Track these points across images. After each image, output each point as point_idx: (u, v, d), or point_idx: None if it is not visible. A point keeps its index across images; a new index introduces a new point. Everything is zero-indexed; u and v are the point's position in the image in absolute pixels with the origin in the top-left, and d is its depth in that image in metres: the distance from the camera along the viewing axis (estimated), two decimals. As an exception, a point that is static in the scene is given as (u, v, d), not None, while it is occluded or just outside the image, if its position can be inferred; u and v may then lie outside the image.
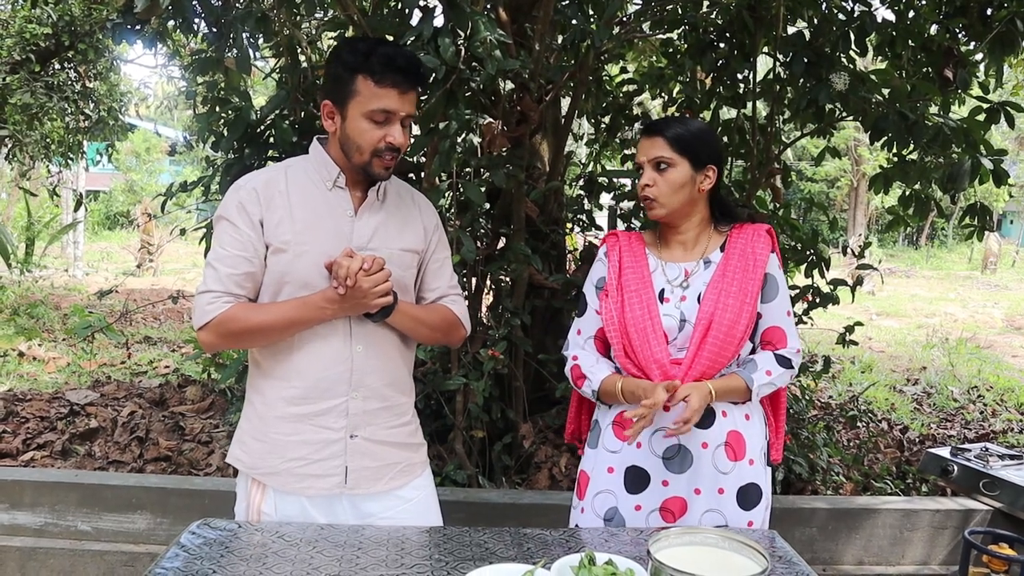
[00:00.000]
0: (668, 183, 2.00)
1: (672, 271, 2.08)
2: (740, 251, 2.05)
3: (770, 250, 2.07)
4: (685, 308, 2.01)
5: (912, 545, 3.63)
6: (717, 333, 1.97)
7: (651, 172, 2.02)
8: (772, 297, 2.06)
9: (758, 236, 2.08)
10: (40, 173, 11.64)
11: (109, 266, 15.35)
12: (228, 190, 1.93)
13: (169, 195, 3.68)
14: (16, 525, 3.42)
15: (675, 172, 2.00)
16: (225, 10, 3.21)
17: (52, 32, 8.04)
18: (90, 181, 19.12)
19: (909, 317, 12.52)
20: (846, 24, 3.51)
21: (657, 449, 1.98)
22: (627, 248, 2.14)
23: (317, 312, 1.83)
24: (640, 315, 2.02)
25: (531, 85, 3.35)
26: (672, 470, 1.97)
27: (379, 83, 1.77)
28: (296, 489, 1.89)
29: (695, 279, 2.05)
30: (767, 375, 2.01)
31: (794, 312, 3.97)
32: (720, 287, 2.01)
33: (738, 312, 1.98)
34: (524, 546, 1.75)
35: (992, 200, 20.52)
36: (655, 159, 2.01)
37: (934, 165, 3.70)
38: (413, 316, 1.95)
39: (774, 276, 2.07)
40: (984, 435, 5.42)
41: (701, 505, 1.97)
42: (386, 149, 1.82)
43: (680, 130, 2.01)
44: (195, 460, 4.10)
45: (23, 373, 6.38)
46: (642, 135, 2.08)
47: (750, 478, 2.00)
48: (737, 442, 2.00)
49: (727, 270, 2.03)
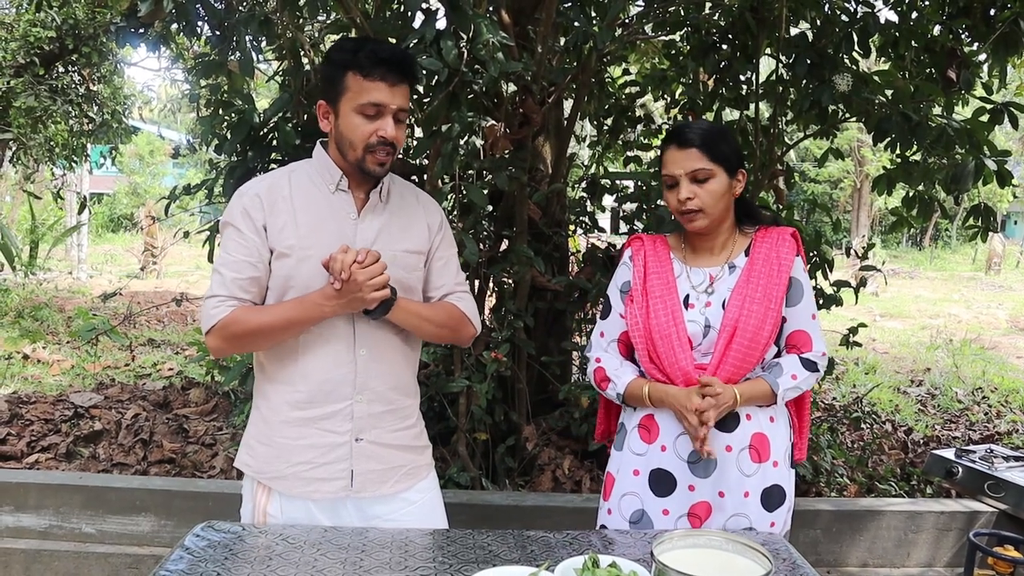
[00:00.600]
0: (710, 194, 1.99)
1: (697, 276, 2.07)
2: (765, 256, 2.05)
3: (795, 254, 2.06)
4: (710, 314, 2.00)
5: (917, 547, 3.63)
6: (742, 339, 1.97)
7: (690, 185, 1.99)
8: (797, 301, 2.06)
9: (783, 240, 2.07)
10: (44, 176, 11.69)
11: (113, 269, 15.38)
12: (233, 196, 1.93)
13: (173, 198, 3.69)
14: (21, 527, 3.42)
15: (715, 182, 1.99)
16: (228, 13, 3.22)
17: (56, 35, 8.08)
18: (94, 184, 19.21)
19: (913, 318, 12.50)
20: (849, 25, 3.51)
21: (682, 452, 1.99)
22: (652, 252, 2.13)
23: (316, 310, 1.82)
24: (665, 321, 2.02)
25: (534, 87, 3.35)
26: (697, 474, 1.98)
27: (367, 77, 1.77)
28: (302, 493, 1.90)
29: (720, 284, 2.04)
30: (792, 379, 2.00)
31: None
32: (745, 293, 2.00)
33: (763, 318, 1.98)
34: (527, 548, 1.75)
35: (996, 201, 20.51)
36: (693, 171, 1.98)
37: (938, 166, 3.69)
38: (416, 313, 1.94)
39: (799, 280, 2.06)
40: (989, 437, 5.41)
41: (727, 509, 1.97)
42: (378, 144, 1.81)
43: (711, 138, 1.99)
44: (199, 462, 4.10)
45: (27, 376, 6.40)
46: (670, 146, 2.03)
47: (774, 480, 2.01)
48: (761, 444, 2.00)
49: (752, 275, 2.02)
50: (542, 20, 3.49)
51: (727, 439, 1.97)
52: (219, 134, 3.38)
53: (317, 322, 1.85)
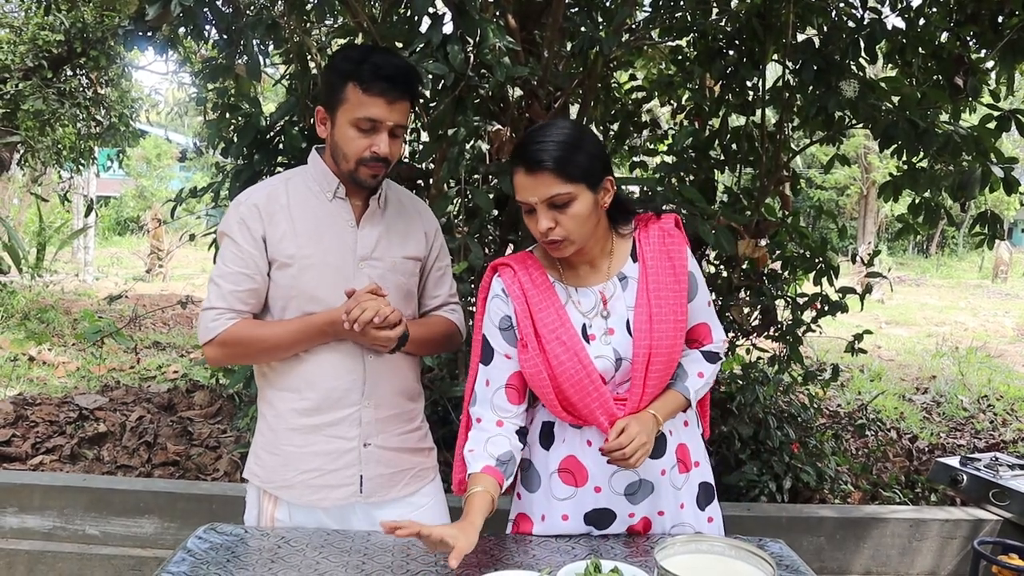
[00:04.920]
0: (574, 219, 1.70)
1: (586, 300, 1.82)
2: (656, 258, 1.84)
3: (684, 245, 1.87)
4: (617, 344, 1.79)
5: (921, 555, 3.61)
6: (658, 362, 1.78)
7: (548, 211, 1.69)
8: (695, 295, 1.88)
9: (668, 235, 1.86)
10: (51, 179, 11.72)
11: (119, 271, 15.42)
12: (229, 206, 1.93)
13: (179, 201, 3.70)
14: (25, 528, 3.43)
15: (578, 204, 1.70)
16: (236, 17, 3.23)
17: (64, 39, 8.12)
18: (101, 187, 19.29)
19: (919, 326, 12.46)
20: (856, 31, 3.51)
21: (619, 488, 1.85)
22: (528, 280, 1.82)
23: (320, 336, 1.85)
24: (569, 365, 1.76)
25: (540, 92, 3.36)
26: (635, 502, 1.87)
27: (367, 91, 1.76)
28: (311, 501, 1.90)
29: (615, 303, 1.82)
30: (700, 378, 1.90)
31: (803, 320, 4.01)
32: (648, 312, 1.79)
33: (675, 335, 1.80)
34: (530, 553, 1.75)
35: (1003, 208, 20.46)
36: (549, 198, 1.68)
37: (944, 173, 3.68)
38: (420, 343, 1.96)
39: (694, 273, 1.88)
40: (994, 445, 5.39)
41: (667, 524, 1.90)
42: (371, 159, 1.80)
43: (562, 154, 1.67)
44: (203, 465, 4.11)
45: (33, 377, 6.42)
46: (518, 168, 1.72)
47: (700, 479, 1.94)
48: (684, 454, 1.92)
49: (649, 286, 1.81)
50: (548, 25, 3.50)
51: (659, 464, 1.86)
52: (226, 138, 3.39)
53: (321, 344, 1.86)
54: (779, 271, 4.01)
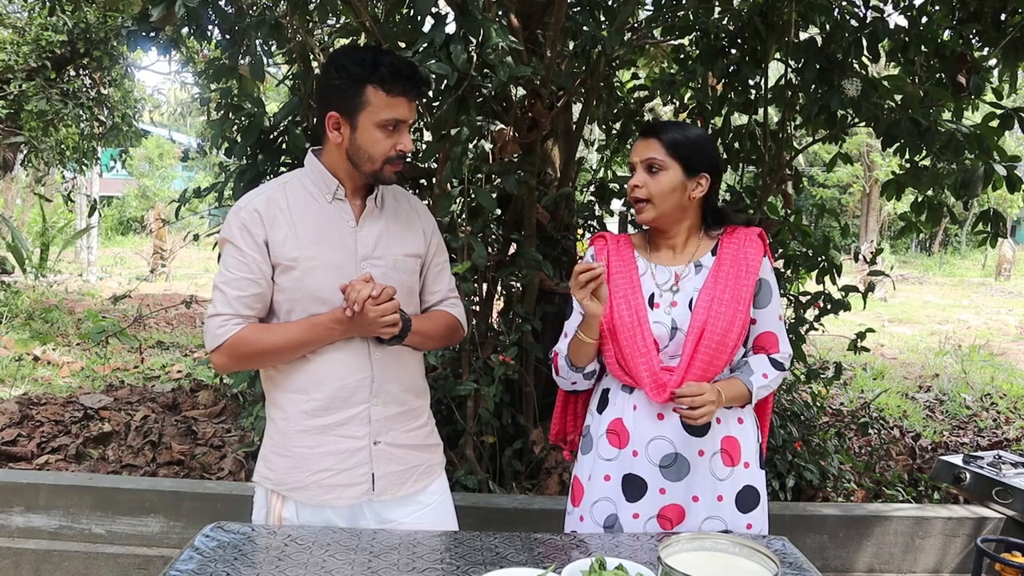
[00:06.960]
0: (659, 185, 1.95)
1: (662, 274, 2.03)
2: (732, 256, 2.01)
3: (762, 254, 2.03)
4: (676, 315, 1.97)
5: (924, 553, 3.61)
6: (710, 341, 1.93)
7: (642, 173, 1.97)
8: (766, 303, 2.03)
9: (750, 240, 2.03)
10: (55, 179, 11.75)
11: (122, 271, 15.45)
12: (229, 212, 1.94)
13: (183, 201, 3.71)
14: (31, 527, 3.44)
15: (666, 176, 1.95)
16: (239, 17, 3.24)
17: (68, 39, 8.14)
18: (104, 187, 19.29)
19: (922, 324, 12.46)
20: (858, 30, 3.51)
21: (654, 457, 1.96)
22: (615, 250, 2.09)
23: (326, 333, 1.86)
24: (629, 321, 1.98)
25: (542, 91, 3.36)
26: (669, 478, 1.96)
27: (390, 92, 1.79)
28: (323, 501, 1.90)
29: (685, 283, 2.01)
30: (764, 378, 2.00)
31: (805, 319, 4.01)
32: (713, 294, 1.97)
33: (731, 320, 1.94)
34: (535, 551, 1.76)
35: (1006, 206, 20.46)
36: (647, 160, 1.96)
37: (947, 171, 3.68)
38: (423, 333, 1.98)
39: (767, 281, 2.03)
40: (997, 443, 5.39)
41: (700, 512, 1.96)
42: (397, 157, 1.85)
43: (676, 134, 1.97)
44: (207, 464, 4.12)
45: (38, 377, 6.44)
46: (639, 136, 2.04)
47: (747, 481, 1.99)
48: (732, 447, 1.99)
49: (719, 275, 1.99)
50: (551, 24, 3.50)
51: (699, 443, 1.96)
52: (229, 138, 3.40)
53: (327, 343, 1.87)
54: (782, 269, 4.02)
